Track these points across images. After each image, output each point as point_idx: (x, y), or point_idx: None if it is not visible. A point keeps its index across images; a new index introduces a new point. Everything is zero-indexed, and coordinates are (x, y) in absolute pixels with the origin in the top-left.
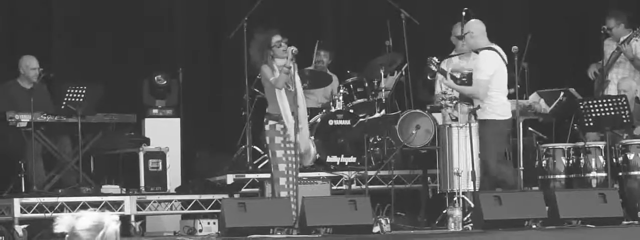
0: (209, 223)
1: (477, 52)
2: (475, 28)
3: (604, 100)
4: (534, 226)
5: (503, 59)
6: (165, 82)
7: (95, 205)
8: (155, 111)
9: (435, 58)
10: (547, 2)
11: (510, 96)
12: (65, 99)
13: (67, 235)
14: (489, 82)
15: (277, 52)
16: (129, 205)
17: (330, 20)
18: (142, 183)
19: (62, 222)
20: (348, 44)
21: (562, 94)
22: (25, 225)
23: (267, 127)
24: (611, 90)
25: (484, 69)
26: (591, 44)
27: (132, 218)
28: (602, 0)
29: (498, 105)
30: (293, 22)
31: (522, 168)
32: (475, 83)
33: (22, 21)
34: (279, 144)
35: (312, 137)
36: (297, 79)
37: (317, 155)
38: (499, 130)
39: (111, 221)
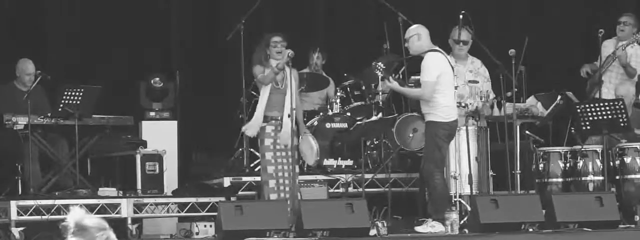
0: (205, 226)
1: (422, 55)
2: (422, 31)
3: (601, 104)
4: (530, 230)
5: (449, 62)
6: (162, 84)
7: (92, 207)
8: (152, 114)
9: (380, 63)
10: (545, 5)
11: (508, 99)
12: (62, 101)
13: (74, 229)
14: (436, 84)
15: (272, 52)
16: (126, 208)
17: (327, 23)
18: (139, 186)
19: (74, 213)
20: (345, 47)
21: (559, 97)
22: (21, 228)
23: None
24: (604, 92)
25: (431, 71)
26: (590, 47)
27: (129, 221)
28: (601, 3)
29: (440, 107)
30: (289, 24)
31: (518, 171)
32: (422, 84)
33: (19, 22)
34: (268, 145)
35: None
36: (294, 81)
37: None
38: (435, 132)
39: (110, 229)
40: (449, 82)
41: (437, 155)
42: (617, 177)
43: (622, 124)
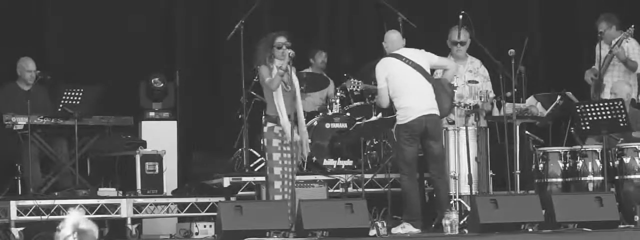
0: (205, 226)
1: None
2: (386, 37)
3: (601, 104)
4: (530, 230)
5: (405, 62)
6: (162, 84)
7: (91, 208)
8: (152, 114)
9: (353, 80)
10: (544, 5)
11: (507, 99)
12: (62, 101)
13: (75, 233)
14: (386, 89)
15: (276, 53)
16: (126, 208)
17: (327, 23)
18: (139, 186)
19: (71, 217)
20: (345, 47)
21: (559, 97)
22: (21, 228)
23: (265, 129)
24: (607, 94)
25: (377, 79)
26: (589, 46)
27: (129, 221)
28: (599, 2)
29: (398, 110)
30: (289, 24)
31: (518, 172)
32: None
33: (19, 22)
34: (276, 146)
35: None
36: (296, 81)
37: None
38: (397, 134)
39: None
40: (402, 83)
41: (400, 157)
42: (617, 177)
43: (621, 124)
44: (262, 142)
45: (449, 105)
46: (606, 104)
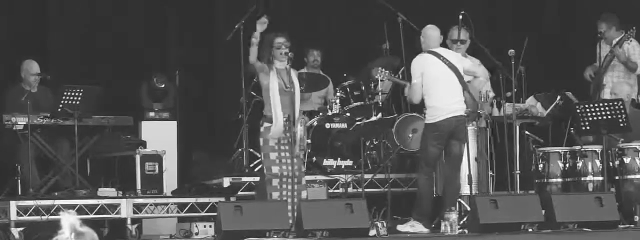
0: (205, 226)
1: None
2: (426, 32)
3: (601, 104)
4: (530, 230)
5: (443, 61)
6: (163, 85)
7: (91, 208)
8: (152, 114)
9: (381, 68)
10: (544, 5)
11: (507, 99)
12: (62, 101)
13: (72, 234)
14: (419, 86)
15: (275, 53)
16: (125, 208)
17: (327, 24)
18: (139, 186)
19: (67, 220)
20: (345, 47)
21: (558, 97)
22: (21, 228)
23: (261, 129)
24: (606, 93)
25: (412, 74)
26: (588, 46)
27: (129, 221)
28: (599, 2)
29: (427, 109)
30: (289, 24)
31: (518, 172)
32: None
33: (21, 23)
34: (273, 146)
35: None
36: (296, 81)
37: (308, 141)
38: (424, 133)
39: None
40: (435, 82)
41: (423, 156)
42: (617, 178)
43: (621, 124)
44: (260, 142)
45: (471, 114)
46: (606, 104)
